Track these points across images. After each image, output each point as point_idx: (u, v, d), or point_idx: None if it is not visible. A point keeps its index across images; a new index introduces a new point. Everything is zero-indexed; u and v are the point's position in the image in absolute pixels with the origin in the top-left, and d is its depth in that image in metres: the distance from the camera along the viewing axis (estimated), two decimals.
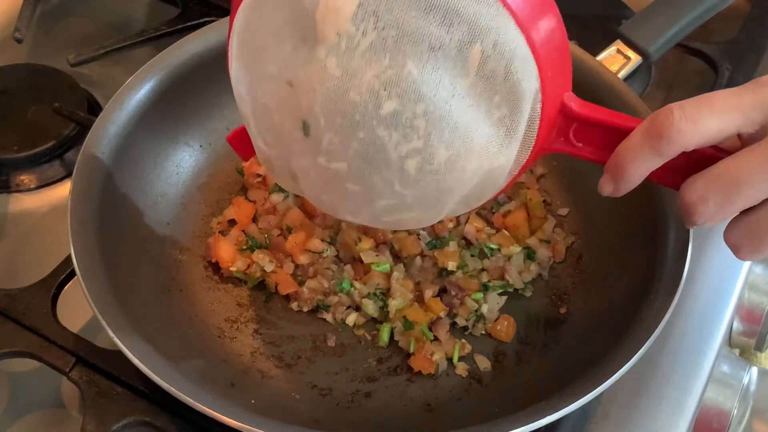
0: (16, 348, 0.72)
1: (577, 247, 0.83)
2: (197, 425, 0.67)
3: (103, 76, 1.01)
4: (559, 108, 0.57)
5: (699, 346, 0.78)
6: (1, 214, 0.89)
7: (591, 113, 0.58)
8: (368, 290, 0.77)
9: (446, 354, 0.75)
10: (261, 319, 0.78)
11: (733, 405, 0.81)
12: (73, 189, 0.72)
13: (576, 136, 0.59)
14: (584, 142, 0.60)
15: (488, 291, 0.78)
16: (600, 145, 0.59)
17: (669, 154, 0.55)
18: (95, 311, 0.64)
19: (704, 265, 0.82)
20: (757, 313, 0.91)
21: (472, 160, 0.55)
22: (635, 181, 0.58)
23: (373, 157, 0.55)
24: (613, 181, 0.58)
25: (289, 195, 0.83)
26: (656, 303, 0.67)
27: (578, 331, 0.75)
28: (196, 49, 0.84)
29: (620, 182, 0.58)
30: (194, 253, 0.81)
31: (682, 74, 1.03)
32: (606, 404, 0.73)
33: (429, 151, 0.54)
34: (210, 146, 0.87)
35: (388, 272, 0.78)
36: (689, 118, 0.54)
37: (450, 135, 0.53)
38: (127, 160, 0.78)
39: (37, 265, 0.79)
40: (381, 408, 0.72)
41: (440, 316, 0.76)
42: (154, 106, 0.81)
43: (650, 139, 0.55)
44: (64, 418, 0.75)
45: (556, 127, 0.59)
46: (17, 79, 0.97)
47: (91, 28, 1.09)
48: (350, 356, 0.76)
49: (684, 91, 1.01)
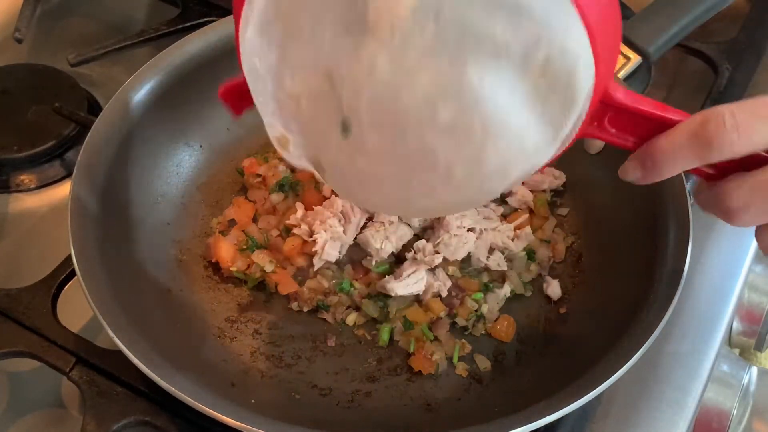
0: (16, 348, 0.72)
1: (577, 247, 0.83)
2: (197, 425, 0.67)
3: (103, 76, 1.01)
4: (601, 97, 0.55)
5: (699, 346, 0.78)
6: (1, 214, 0.89)
7: (634, 103, 0.56)
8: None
9: (446, 354, 0.75)
10: (261, 319, 0.78)
11: (733, 405, 0.81)
12: (73, 189, 0.72)
13: (611, 123, 0.57)
14: (619, 128, 0.57)
15: (489, 291, 0.78)
16: (635, 133, 0.57)
17: (712, 161, 0.53)
18: (95, 311, 0.64)
19: (704, 265, 0.82)
20: (757, 313, 0.91)
21: (521, 164, 0.52)
22: (667, 176, 0.56)
23: (420, 162, 0.51)
24: (642, 170, 0.56)
25: (289, 195, 0.83)
26: (656, 303, 0.67)
27: (578, 331, 0.75)
28: (196, 50, 0.84)
29: (651, 174, 0.56)
30: (194, 253, 0.81)
31: (682, 74, 1.03)
32: (606, 404, 0.73)
33: (481, 157, 0.50)
34: (210, 146, 0.87)
35: (388, 273, 0.78)
36: (742, 129, 0.51)
37: (505, 142, 0.50)
38: (127, 160, 0.78)
39: (37, 265, 0.79)
40: (381, 408, 0.72)
41: (440, 316, 0.76)
42: (154, 106, 0.81)
43: (697, 144, 0.52)
44: (64, 418, 0.75)
45: (592, 114, 0.56)
46: (17, 79, 0.97)
47: (91, 28, 1.09)
48: (350, 356, 0.76)
49: (684, 91, 1.01)
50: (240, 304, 0.79)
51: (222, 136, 0.88)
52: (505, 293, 0.79)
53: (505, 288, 0.79)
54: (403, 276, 0.76)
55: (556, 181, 0.85)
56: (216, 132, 0.88)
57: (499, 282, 0.79)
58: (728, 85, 0.93)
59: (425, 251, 0.77)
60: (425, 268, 0.77)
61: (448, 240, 0.77)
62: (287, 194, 0.83)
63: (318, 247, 0.77)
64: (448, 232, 0.77)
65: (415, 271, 0.76)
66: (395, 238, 0.78)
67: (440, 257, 0.77)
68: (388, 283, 0.76)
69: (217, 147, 0.87)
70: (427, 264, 0.77)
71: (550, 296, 0.79)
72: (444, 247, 0.77)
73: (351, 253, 0.79)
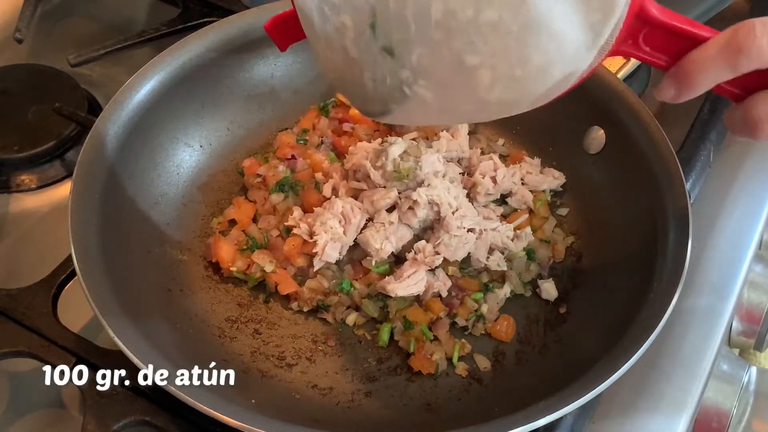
0: (16, 348, 0.72)
1: (577, 247, 0.83)
2: (197, 425, 0.67)
3: (104, 77, 1.01)
4: (637, 12, 0.56)
5: (699, 346, 0.78)
6: (2, 214, 0.89)
7: (669, 20, 0.57)
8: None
9: (446, 354, 0.75)
10: (261, 319, 0.78)
11: (733, 404, 0.81)
12: (74, 189, 0.72)
13: (645, 41, 0.58)
14: (653, 47, 0.58)
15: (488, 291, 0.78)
16: (668, 52, 0.58)
17: (743, 70, 0.55)
18: (96, 311, 0.64)
19: (704, 265, 0.82)
20: (757, 312, 0.91)
21: (560, 66, 0.54)
22: (700, 90, 0.57)
23: (464, 66, 0.53)
24: (677, 87, 0.58)
25: (289, 195, 0.83)
26: (656, 303, 0.67)
27: (578, 331, 0.76)
28: (197, 50, 0.84)
29: (685, 90, 0.58)
30: (194, 253, 0.81)
31: None
32: (606, 404, 0.73)
33: (524, 57, 0.52)
34: (210, 146, 0.87)
35: (388, 273, 0.78)
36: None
37: (547, 42, 0.52)
38: (128, 160, 0.78)
39: (37, 265, 0.79)
40: (381, 408, 0.72)
41: (440, 316, 0.76)
42: (155, 106, 0.81)
43: (727, 53, 0.54)
44: (64, 418, 0.75)
45: (628, 30, 0.57)
46: (18, 79, 0.97)
47: (91, 29, 1.09)
48: (350, 356, 0.76)
49: None
50: (240, 304, 0.79)
51: (222, 136, 0.88)
52: (505, 293, 0.79)
53: (505, 288, 0.79)
54: (403, 276, 0.76)
55: (556, 182, 0.86)
56: (216, 132, 0.88)
57: (499, 282, 0.79)
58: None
59: (425, 252, 0.77)
60: (425, 269, 0.77)
61: (448, 240, 0.77)
62: (287, 194, 0.83)
63: (318, 249, 0.77)
64: (448, 233, 0.77)
65: (416, 271, 0.76)
66: (395, 239, 0.78)
67: (440, 258, 0.77)
68: (389, 284, 0.76)
69: (217, 147, 0.87)
70: (428, 265, 0.77)
71: (546, 298, 0.79)
72: (444, 248, 0.77)
73: (351, 254, 0.79)
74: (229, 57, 0.87)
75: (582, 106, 0.82)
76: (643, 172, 0.77)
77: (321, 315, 0.78)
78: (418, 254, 0.77)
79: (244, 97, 0.89)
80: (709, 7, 0.85)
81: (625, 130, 0.80)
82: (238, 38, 0.86)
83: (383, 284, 0.76)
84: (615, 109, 0.81)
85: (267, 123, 0.91)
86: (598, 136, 0.84)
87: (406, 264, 0.77)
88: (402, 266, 0.78)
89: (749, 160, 0.92)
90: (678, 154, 0.77)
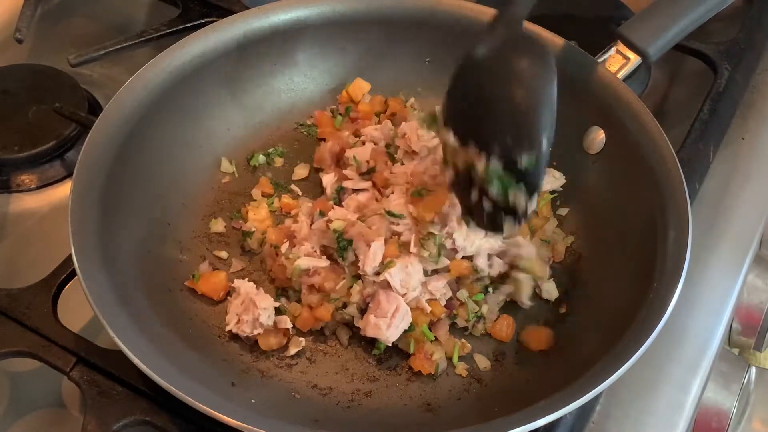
0: (16, 348, 0.72)
1: (577, 247, 0.83)
2: (197, 425, 0.67)
3: (104, 77, 1.02)
4: None
5: (699, 346, 0.78)
6: (2, 214, 0.89)
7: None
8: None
9: (446, 354, 0.75)
10: None
11: (733, 405, 0.81)
12: (74, 189, 0.72)
13: None
14: None
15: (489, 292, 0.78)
16: None
17: None
18: (96, 311, 0.64)
19: (704, 265, 0.83)
20: (757, 313, 0.91)
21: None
22: None
23: None
24: None
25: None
26: (656, 303, 0.67)
27: (578, 331, 0.76)
28: (197, 50, 0.84)
29: None
30: (194, 253, 0.81)
31: (681, 75, 1.03)
32: (606, 403, 0.73)
33: None
34: (210, 146, 0.87)
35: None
36: None
37: None
38: (128, 160, 0.78)
39: (37, 265, 0.79)
40: (381, 408, 0.72)
41: (440, 317, 0.76)
42: (155, 106, 0.81)
43: None
44: (64, 418, 0.75)
45: None
46: (18, 79, 0.97)
47: (91, 29, 1.09)
48: (350, 356, 0.76)
49: (683, 92, 1.01)
50: None
51: (222, 136, 0.88)
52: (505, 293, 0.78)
53: (506, 288, 0.79)
54: (387, 317, 0.73)
55: (556, 182, 0.85)
56: (216, 132, 0.88)
57: (499, 283, 0.79)
58: (728, 86, 0.93)
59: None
60: (402, 300, 0.74)
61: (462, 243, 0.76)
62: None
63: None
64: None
65: (396, 307, 0.74)
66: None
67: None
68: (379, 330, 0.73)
69: (217, 147, 0.87)
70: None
71: (546, 298, 0.79)
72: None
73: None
74: (229, 57, 0.87)
75: (582, 106, 0.82)
76: (643, 172, 0.77)
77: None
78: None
79: (243, 97, 0.89)
80: (709, 7, 0.85)
81: (625, 131, 0.80)
82: (238, 38, 0.86)
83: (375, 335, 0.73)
84: (615, 109, 0.81)
85: (267, 123, 0.91)
86: (598, 136, 0.84)
87: (380, 298, 0.74)
88: (375, 300, 0.74)
89: (749, 160, 0.93)
90: (678, 154, 0.77)
